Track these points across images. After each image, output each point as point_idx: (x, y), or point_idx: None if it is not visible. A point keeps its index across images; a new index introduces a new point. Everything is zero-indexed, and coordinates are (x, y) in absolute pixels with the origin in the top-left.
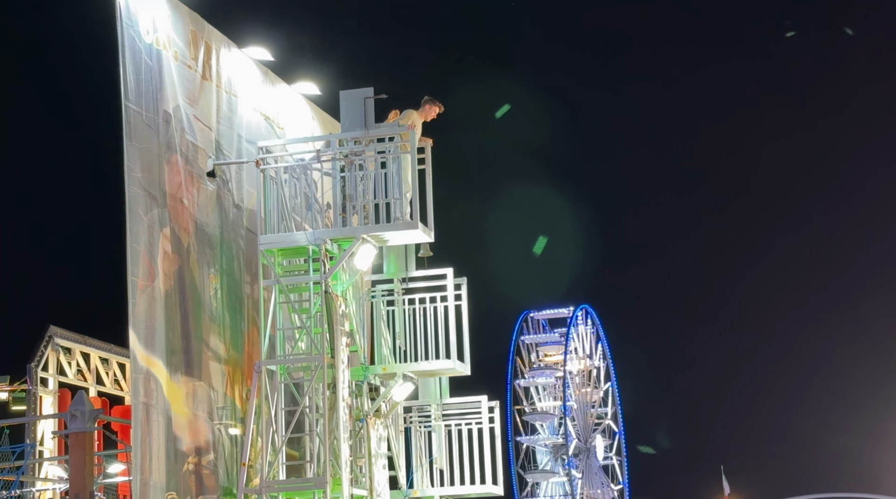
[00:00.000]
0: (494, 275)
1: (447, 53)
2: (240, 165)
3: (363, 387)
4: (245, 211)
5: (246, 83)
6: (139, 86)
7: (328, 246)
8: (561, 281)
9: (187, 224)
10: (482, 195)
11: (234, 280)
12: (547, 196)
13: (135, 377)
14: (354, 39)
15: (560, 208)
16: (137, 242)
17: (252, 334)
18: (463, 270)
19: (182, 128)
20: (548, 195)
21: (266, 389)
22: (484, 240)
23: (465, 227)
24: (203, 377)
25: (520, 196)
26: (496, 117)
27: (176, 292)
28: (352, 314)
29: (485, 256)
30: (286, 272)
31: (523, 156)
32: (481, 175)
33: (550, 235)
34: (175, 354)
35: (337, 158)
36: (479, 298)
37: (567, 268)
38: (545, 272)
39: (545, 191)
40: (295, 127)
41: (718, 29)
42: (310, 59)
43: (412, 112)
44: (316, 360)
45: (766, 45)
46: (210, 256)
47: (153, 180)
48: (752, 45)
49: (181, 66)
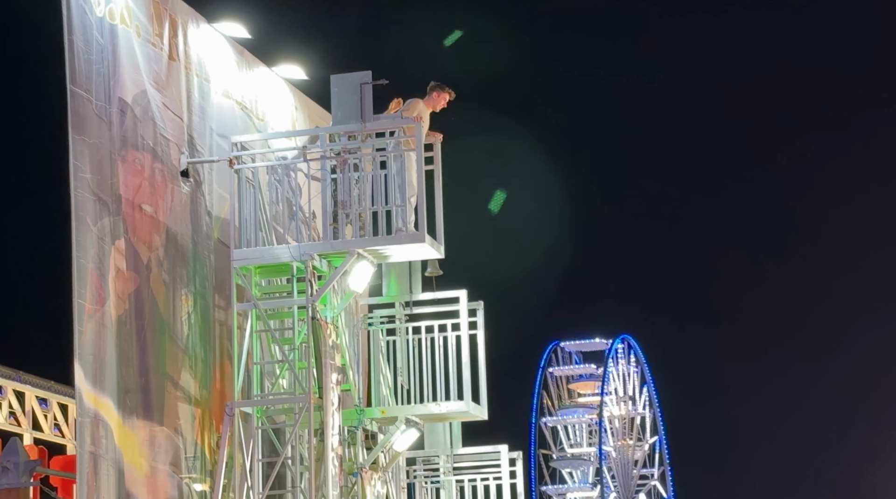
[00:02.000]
0: (516, 297)
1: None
2: (211, 165)
3: (357, 434)
4: (216, 220)
5: (218, 66)
6: (89, 68)
7: (316, 263)
8: (596, 304)
9: (149, 235)
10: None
11: (208, 303)
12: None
13: (80, 422)
14: (350, 13)
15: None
16: (85, 258)
17: (225, 369)
18: (479, 292)
19: (151, 118)
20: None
21: (240, 435)
22: (502, 254)
23: (479, 240)
24: (166, 421)
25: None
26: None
27: (131, 318)
28: (344, 345)
29: (504, 273)
30: (265, 294)
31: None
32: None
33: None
34: (130, 394)
35: (327, 157)
36: (499, 326)
37: (605, 289)
38: (576, 295)
39: (569, 200)
40: (277, 118)
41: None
42: (295, 36)
43: (417, 101)
44: (300, 400)
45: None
46: (182, 273)
47: (104, 182)
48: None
49: (144, 43)
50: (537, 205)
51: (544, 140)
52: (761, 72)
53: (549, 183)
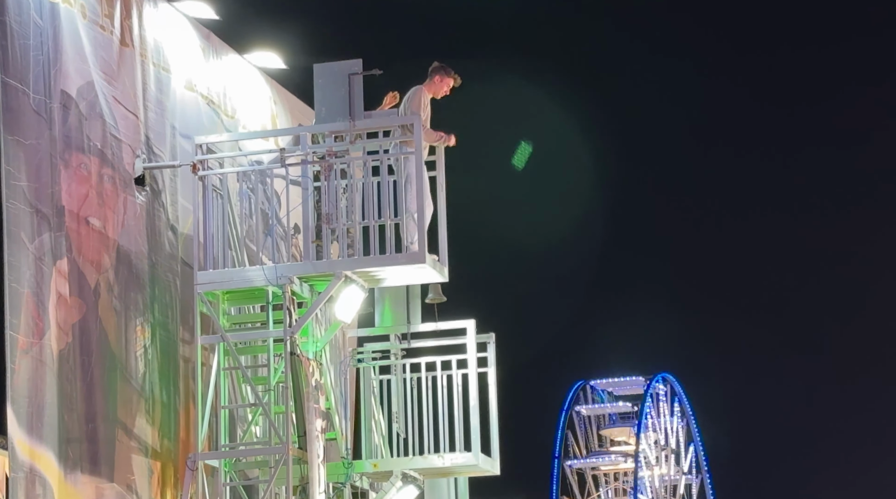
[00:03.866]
0: (533, 329)
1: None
2: (173, 171)
3: (345, 491)
4: (180, 236)
5: (180, 53)
6: (25, 55)
7: (295, 287)
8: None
9: (97, 255)
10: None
11: (171, 335)
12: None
13: (13, 477)
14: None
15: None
16: (19, 282)
17: (190, 414)
18: (489, 323)
19: (99, 114)
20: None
21: (205, 493)
22: (516, 278)
23: (490, 261)
24: (117, 477)
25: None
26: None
27: (77, 353)
28: (329, 386)
29: (519, 301)
30: (235, 325)
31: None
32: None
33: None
34: (73, 444)
35: (309, 162)
36: (513, 363)
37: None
38: (604, 328)
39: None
40: (250, 115)
41: None
42: (271, 18)
43: (420, 89)
44: (277, 451)
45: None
46: (137, 299)
47: (43, 192)
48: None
49: (91, 26)
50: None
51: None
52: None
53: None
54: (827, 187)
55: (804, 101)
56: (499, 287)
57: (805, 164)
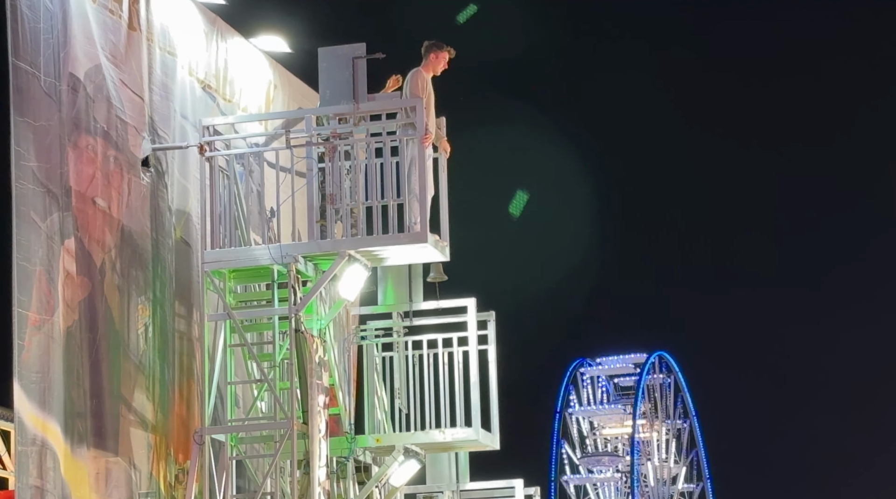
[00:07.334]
0: (533, 307)
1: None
2: (174, 153)
3: (348, 466)
4: (179, 215)
5: (185, 36)
6: (35, 38)
7: (300, 266)
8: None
9: (103, 234)
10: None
11: (169, 313)
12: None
13: (21, 451)
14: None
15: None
16: (29, 260)
17: (186, 389)
18: (490, 301)
19: (106, 97)
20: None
21: (210, 467)
22: (516, 258)
23: (490, 241)
24: (121, 451)
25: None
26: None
27: (83, 330)
28: (333, 362)
29: (519, 279)
30: (241, 303)
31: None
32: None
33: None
34: (80, 418)
35: (314, 143)
36: (513, 340)
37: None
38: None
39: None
40: (248, 99)
41: None
42: (277, 3)
43: (418, 72)
44: (282, 426)
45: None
46: (139, 278)
47: (53, 172)
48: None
49: (100, 10)
50: (558, 202)
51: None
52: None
53: (572, 182)
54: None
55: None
56: (501, 267)
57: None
